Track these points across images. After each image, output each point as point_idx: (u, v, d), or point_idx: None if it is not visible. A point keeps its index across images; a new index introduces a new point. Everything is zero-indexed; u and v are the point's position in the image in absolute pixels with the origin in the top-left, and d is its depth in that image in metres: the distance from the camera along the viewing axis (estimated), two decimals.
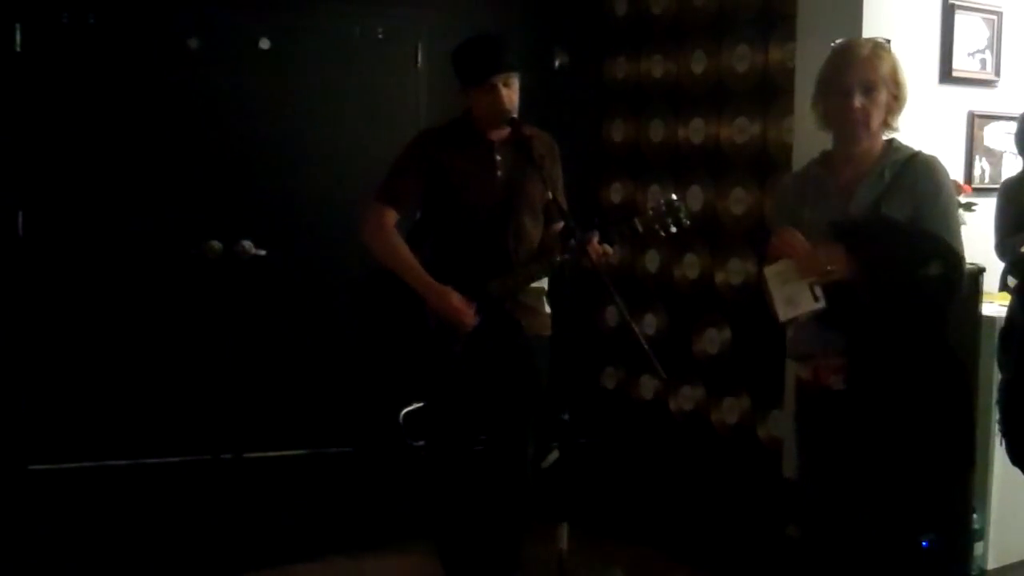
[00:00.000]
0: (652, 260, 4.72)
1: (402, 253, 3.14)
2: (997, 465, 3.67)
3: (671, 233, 3.15)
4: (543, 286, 3.29)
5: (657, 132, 4.69)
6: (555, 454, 3.52)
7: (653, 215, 3.13)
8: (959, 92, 4.01)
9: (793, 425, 2.98)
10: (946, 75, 3.96)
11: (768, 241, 2.74)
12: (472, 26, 3.65)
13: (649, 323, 4.70)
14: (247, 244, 4.24)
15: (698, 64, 4.48)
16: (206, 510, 4.04)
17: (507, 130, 3.14)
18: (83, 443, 4.20)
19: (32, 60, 4.07)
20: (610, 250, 3.07)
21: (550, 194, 3.13)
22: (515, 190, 3.18)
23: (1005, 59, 4.11)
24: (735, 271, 4.32)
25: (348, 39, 4.43)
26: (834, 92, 2.65)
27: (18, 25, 4.04)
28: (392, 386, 3.94)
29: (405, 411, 3.99)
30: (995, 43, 4.07)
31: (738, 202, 4.29)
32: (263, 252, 4.26)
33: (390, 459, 4.31)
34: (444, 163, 3.16)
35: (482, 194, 3.16)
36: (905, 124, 2.73)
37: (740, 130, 4.30)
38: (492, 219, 3.16)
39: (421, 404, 3.50)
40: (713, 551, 3.93)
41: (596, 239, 3.03)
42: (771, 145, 4.16)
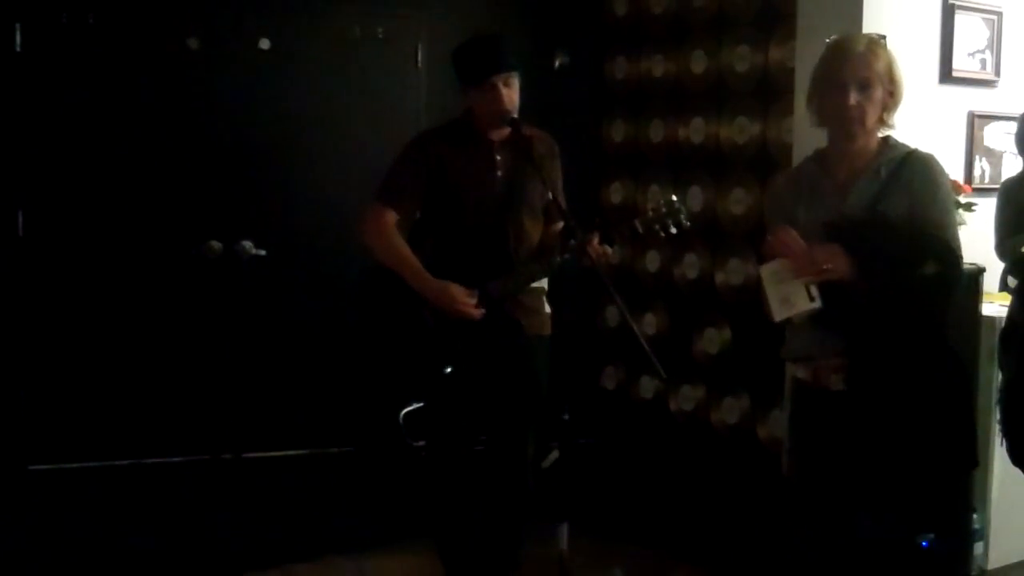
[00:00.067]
0: (652, 260, 4.72)
1: (403, 252, 3.13)
2: (997, 465, 3.67)
3: (671, 234, 3.15)
4: (543, 286, 3.29)
5: (657, 132, 4.69)
6: (555, 454, 3.52)
7: (653, 216, 3.13)
8: (959, 92, 4.01)
9: (787, 426, 2.97)
10: (946, 75, 3.96)
11: (764, 240, 2.72)
12: (472, 26, 3.66)
13: (649, 323, 4.70)
14: (247, 244, 4.24)
15: (698, 64, 4.48)
16: (206, 510, 4.03)
17: (507, 130, 3.14)
18: (83, 443, 4.20)
19: (32, 60, 4.07)
20: (610, 250, 3.07)
21: (550, 194, 3.13)
22: (515, 190, 3.18)
23: (1005, 59, 4.12)
24: (735, 271, 4.31)
25: (348, 39, 4.43)
26: (829, 88, 2.61)
27: (18, 25, 4.04)
28: (392, 386, 3.94)
29: (405, 411, 3.98)
30: (995, 43, 4.07)
31: (738, 202, 4.29)
32: (263, 252, 4.26)
33: (390, 459, 4.31)
34: (444, 163, 3.16)
35: (482, 194, 3.16)
36: (905, 124, 2.72)
37: (740, 130, 4.29)
38: (492, 219, 3.15)
39: (421, 404, 3.49)
40: (713, 551, 3.93)
41: (596, 239, 3.03)
42: (771, 145, 4.16)
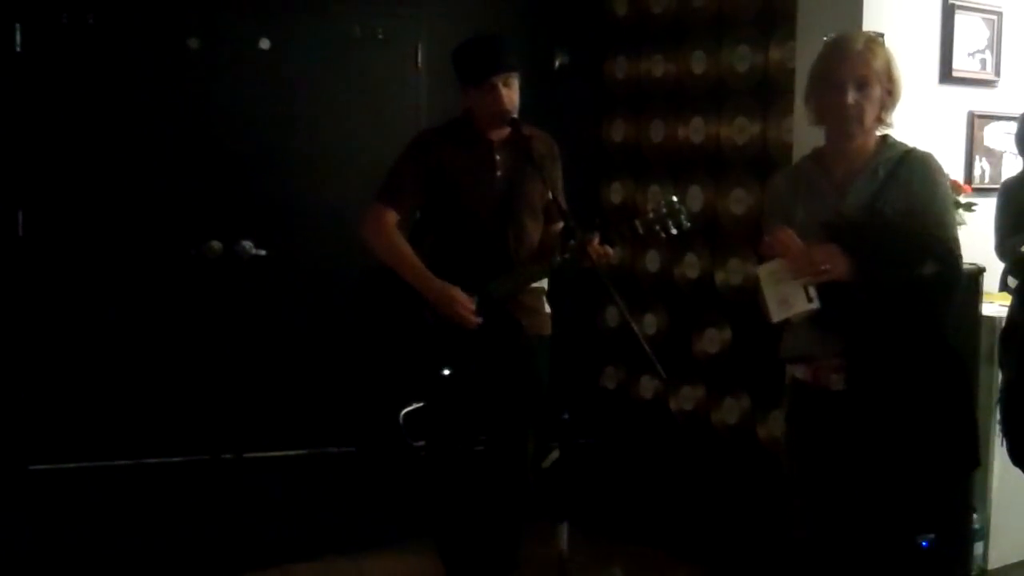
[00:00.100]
0: (652, 260, 4.71)
1: (404, 252, 3.14)
2: (997, 465, 3.68)
3: (671, 235, 3.15)
4: (543, 286, 3.29)
5: (657, 132, 4.69)
6: (555, 454, 3.52)
7: (653, 217, 3.13)
8: (959, 92, 4.01)
9: (784, 426, 2.97)
10: (946, 75, 3.96)
11: (761, 240, 2.71)
12: (472, 26, 3.65)
13: (649, 323, 4.70)
14: (247, 244, 4.24)
15: (698, 64, 4.47)
16: (206, 510, 4.03)
17: (507, 130, 3.14)
18: (83, 443, 4.19)
19: (32, 60, 4.06)
20: (610, 251, 3.07)
21: (550, 194, 3.13)
22: (515, 190, 3.18)
23: (1005, 59, 4.12)
24: (735, 271, 4.31)
25: (348, 39, 4.42)
26: (827, 87, 2.61)
27: (18, 25, 4.03)
28: (392, 386, 3.94)
29: (405, 411, 3.98)
30: (995, 43, 4.07)
31: (738, 202, 4.29)
32: (263, 252, 4.26)
33: (390, 459, 4.31)
34: (444, 163, 3.16)
35: (482, 194, 3.16)
36: (905, 124, 2.72)
37: (740, 130, 4.29)
38: (492, 219, 3.16)
39: (421, 404, 3.49)
40: (713, 551, 3.93)
41: (596, 240, 3.03)
42: (771, 145, 4.16)
